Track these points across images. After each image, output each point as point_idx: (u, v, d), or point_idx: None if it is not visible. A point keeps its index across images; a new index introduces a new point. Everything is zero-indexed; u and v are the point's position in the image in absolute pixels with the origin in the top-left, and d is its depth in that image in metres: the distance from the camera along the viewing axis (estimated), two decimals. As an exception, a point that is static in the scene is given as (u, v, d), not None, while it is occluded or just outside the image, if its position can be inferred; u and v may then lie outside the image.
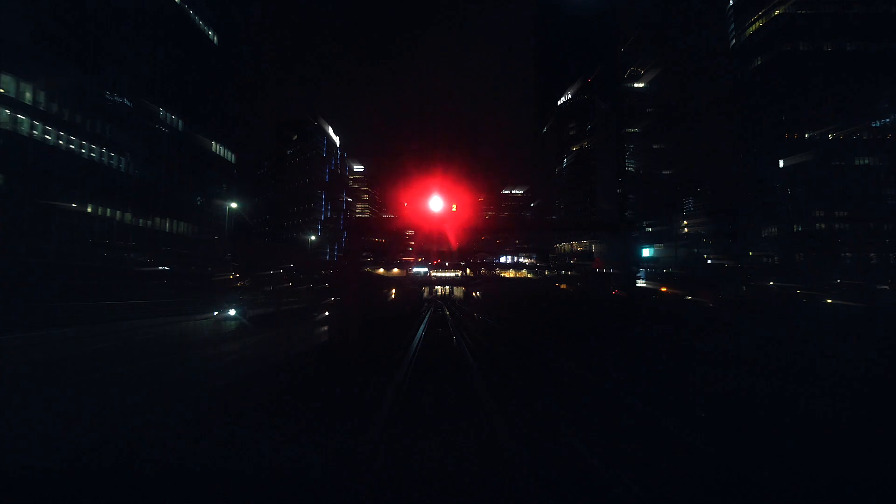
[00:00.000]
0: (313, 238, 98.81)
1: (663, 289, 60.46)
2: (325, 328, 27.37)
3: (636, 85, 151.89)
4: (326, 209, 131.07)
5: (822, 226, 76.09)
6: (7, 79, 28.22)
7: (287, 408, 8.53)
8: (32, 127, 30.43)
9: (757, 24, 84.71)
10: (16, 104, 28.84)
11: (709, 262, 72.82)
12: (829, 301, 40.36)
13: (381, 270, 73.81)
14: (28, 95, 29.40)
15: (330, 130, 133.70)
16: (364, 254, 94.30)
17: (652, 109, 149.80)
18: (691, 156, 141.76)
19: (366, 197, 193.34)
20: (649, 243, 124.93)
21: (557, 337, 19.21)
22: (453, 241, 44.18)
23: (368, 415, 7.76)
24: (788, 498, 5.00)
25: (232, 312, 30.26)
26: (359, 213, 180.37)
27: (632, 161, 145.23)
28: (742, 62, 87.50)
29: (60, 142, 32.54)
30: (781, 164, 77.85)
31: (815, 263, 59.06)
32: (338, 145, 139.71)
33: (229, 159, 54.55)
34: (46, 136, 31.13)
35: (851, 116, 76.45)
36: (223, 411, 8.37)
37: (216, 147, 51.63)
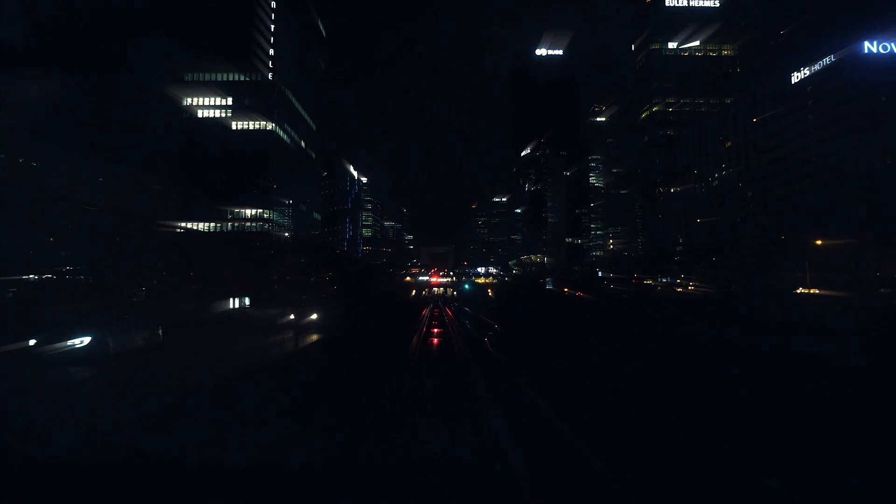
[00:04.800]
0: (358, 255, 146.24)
1: (566, 289, 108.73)
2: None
3: (598, 119, 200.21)
4: (349, 229, 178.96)
5: (681, 247, 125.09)
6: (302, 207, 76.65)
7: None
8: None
9: (645, 113, 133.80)
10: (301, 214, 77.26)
11: (599, 273, 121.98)
12: (625, 295, 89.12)
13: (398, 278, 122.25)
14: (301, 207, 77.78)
15: (351, 168, 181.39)
16: (383, 263, 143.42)
17: (612, 139, 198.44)
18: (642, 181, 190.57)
19: (369, 206, 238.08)
20: (592, 251, 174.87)
21: (481, 305, 66.59)
22: (444, 265, 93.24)
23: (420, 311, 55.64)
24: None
25: (80, 342, 18.30)
26: (363, 220, 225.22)
27: (601, 179, 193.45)
28: (640, 136, 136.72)
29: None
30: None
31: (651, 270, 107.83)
32: (356, 178, 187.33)
33: (319, 219, 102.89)
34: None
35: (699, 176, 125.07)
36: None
37: (315, 214, 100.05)
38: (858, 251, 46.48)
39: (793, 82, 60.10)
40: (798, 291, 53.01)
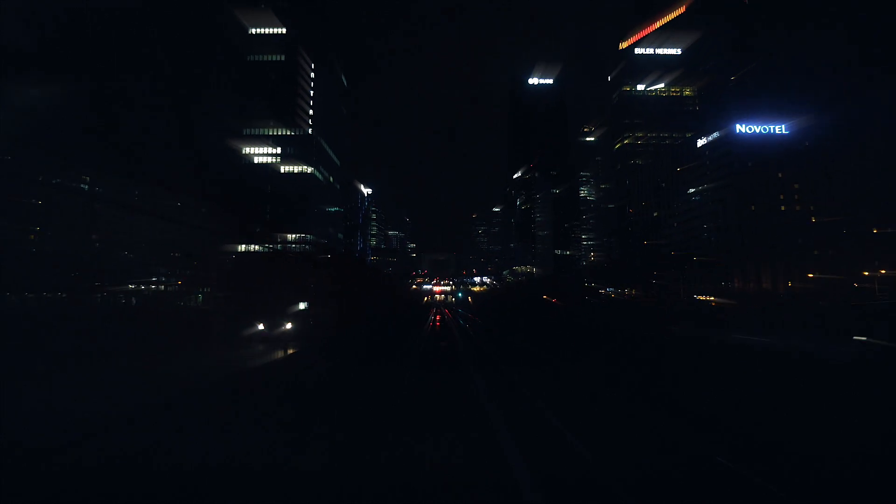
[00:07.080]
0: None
1: (545, 297, 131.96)
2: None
3: (588, 139, 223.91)
4: (359, 242, 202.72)
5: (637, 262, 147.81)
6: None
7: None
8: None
9: (618, 144, 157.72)
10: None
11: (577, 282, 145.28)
12: (588, 299, 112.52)
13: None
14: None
15: (361, 186, 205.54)
16: (389, 273, 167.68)
17: (600, 157, 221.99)
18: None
19: (374, 216, 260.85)
20: (582, 261, 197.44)
21: (468, 306, 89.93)
22: (445, 274, 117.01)
23: (427, 311, 78.79)
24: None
25: None
26: (369, 231, 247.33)
27: (591, 192, 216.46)
28: (615, 163, 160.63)
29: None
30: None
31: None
32: (366, 195, 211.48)
33: (342, 238, 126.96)
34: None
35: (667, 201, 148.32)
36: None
37: (339, 234, 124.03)
38: (725, 270, 69.88)
39: (698, 146, 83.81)
40: (699, 298, 76.22)
